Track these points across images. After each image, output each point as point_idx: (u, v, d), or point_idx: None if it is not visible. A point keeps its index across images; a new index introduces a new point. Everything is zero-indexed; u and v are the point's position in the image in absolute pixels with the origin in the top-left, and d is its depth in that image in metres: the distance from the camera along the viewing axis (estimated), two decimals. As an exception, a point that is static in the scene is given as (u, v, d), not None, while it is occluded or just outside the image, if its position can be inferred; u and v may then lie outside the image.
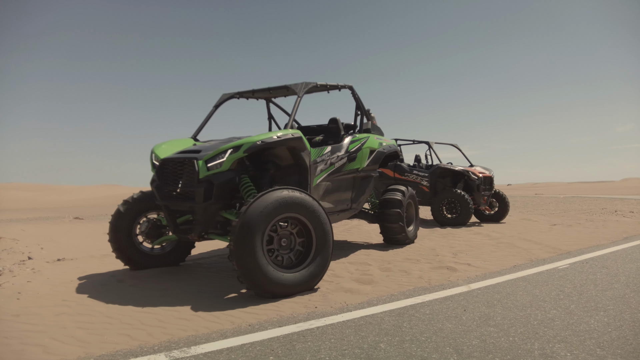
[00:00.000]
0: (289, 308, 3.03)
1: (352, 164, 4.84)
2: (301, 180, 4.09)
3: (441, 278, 3.91)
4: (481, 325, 2.57)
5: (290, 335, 2.46)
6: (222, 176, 3.53)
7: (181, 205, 3.68)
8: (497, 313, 2.80)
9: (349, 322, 2.67)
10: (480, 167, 9.40)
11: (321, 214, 3.51)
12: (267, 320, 2.77)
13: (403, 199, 5.68)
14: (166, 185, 3.78)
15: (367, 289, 3.54)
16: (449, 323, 2.62)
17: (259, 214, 3.18)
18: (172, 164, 3.74)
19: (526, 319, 2.68)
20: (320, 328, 2.58)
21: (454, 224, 8.43)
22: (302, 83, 4.44)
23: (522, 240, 6.25)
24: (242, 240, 3.11)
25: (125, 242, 4.28)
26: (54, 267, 4.78)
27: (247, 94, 4.91)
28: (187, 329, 2.66)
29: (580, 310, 2.84)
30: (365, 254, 5.19)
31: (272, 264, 3.25)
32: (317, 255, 3.47)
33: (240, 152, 3.54)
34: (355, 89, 5.24)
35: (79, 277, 4.18)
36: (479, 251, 5.40)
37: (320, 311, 2.94)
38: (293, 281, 3.30)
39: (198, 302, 3.25)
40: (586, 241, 6.08)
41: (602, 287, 3.42)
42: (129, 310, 3.06)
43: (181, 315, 2.94)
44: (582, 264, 4.42)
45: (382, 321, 2.69)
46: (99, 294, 3.50)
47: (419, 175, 9.41)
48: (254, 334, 2.50)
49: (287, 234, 3.46)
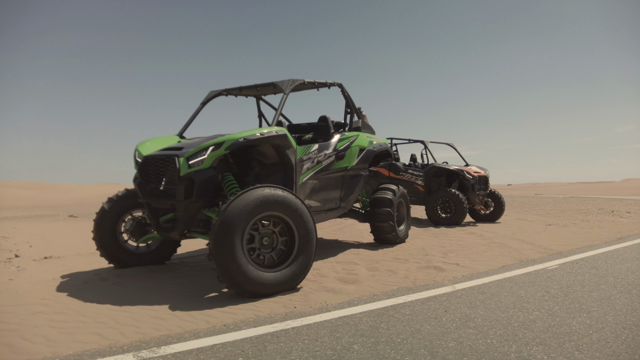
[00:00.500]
0: (267, 308, 2.98)
1: (340, 162, 4.78)
2: (287, 178, 4.04)
3: (427, 278, 3.85)
4: (460, 326, 2.52)
5: (264, 336, 2.41)
6: (204, 174, 3.48)
7: (163, 203, 3.63)
8: (478, 314, 2.75)
9: (326, 323, 2.62)
10: (475, 167, 9.34)
11: (304, 212, 3.45)
12: (243, 320, 2.72)
13: (394, 198, 5.62)
14: (148, 182, 3.73)
15: (351, 289, 3.49)
16: (427, 324, 2.57)
17: (239, 212, 3.13)
18: (154, 162, 3.69)
19: (507, 320, 2.62)
20: (295, 329, 2.53)
21: (448, 223, 8.38)
22: (288, 80, 4.38)
23: (515, 240, 6.20)
24: (221, 239, 3.06)
25: (110, 240, 4.24)
26: (39, 265, 4.74)
27: (234, 91, 4.86)
28: (161, 328, 2.61)
29: (564, 311, 2.79)
30: (354, 253, 5.14)
31: (252, 263, 3.20)
32: (300, 254, 3.41)
33: (222, 149, 3.49)
34: (345, 86, 5.19)
35: (63, 275, 4.14)
36: (469, 251, 5.35)
37: (298, 311, 2.89)
38: (274, 281, 3.25)
39: (177, 301, 3.21)
40: (579, 241, 6.03)
41: (588, 288, 3.37)
42: (106, 309, 3.02)
43: (157, 314, 2.89)
44: (571, 264, 4.36)
45: (360, 322, 2.64)
46: (78, 293, 3.45)
47: (413, 174, 9.35)
48: (227, 334, 2.45)
49: (269, 233, 3.41)
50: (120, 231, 4.35)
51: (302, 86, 4.80)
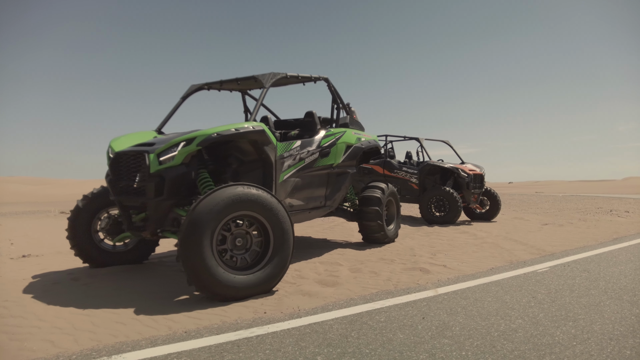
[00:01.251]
0: (236, 313, 2.82)
1: (325, 159, 4.62)
2: (266, 176, 3.88)
3: (410, 281, 3.70)
4: (436, 336, 2.36)
5: (224, 345, 2.26)
6: (175, 170, 3.33)
7: (133, 200, 3.48)
8: (457, 322, 2.59)
9: (293, 331, 2.47)
10: (471, 165, 9.16)
11: (280, 212, 3.29)
12: (207, 327, 2.57)
13: (382, 196, 5.46)
14: (119, 179, 3.58)
15: (328, 292, 3.33)
16: (401, 333, 2.41)
17: (209, 211, 2.97)
18: (126, 158, 3.54)
19: (487, 329, 2.46)
20: (260, 337, 2.37)
21: (442, 222, 8.21)
22: (269, 73, 4.21)
23: (508, 241, 6.03)
24: (189, 239, 2.91)
25: (84, 239, 4.09)
26: (14, 264, 4.59)
27: (215, 85, 4.69)
28: (119, 334, 2.46)
29: (548, 319, 2.62)
30: (340, 253, 4.99)
31: (223, 265, 3.05)
32: (275, 256, 3.26)
33: (193, 145, 3.33)
34: (331, 81, 5.02)
35: (35, 275, 3.99)
36: (459, 251, 5.19)
37: (267, 317, 2.74)
38: (246, 284, 3.09)
39: (144, 303, 3.06)
40: (574, 242, 5.86)
41: (578, 294, 3.20)
42: (67, 312, 2.87)
43: (120, 318, 2.74)
44: (563, 267, 4.20)
45: (330, 329, 2.48)
46: (44, 294, 3.31)
47: (408, 172, 9.19)
48: (186, 342, 2.30)
49: (243, 234, 3.25)
50: (95, 229, 4.21)
51: (286, 80, 4.62)
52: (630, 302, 2.97)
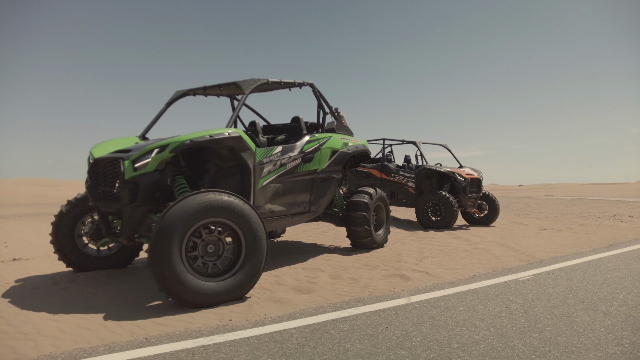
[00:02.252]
0: (202, 320, 2.82)
1: (308, 165, 4.61)
2: (244, 181, 3.89)
3: (387, 288, 3.66)
4: (393, 347, 2.34)
5: (180, 352, 2.26)
6: (148, 177, 3.35)
7: (110, 206, 3.51)
8: (419, 332, 2.55)
9: (252, 339, 2.46)
10: (469, 169, 9.09)
11: (252, 218, 3.29)
12: (170, 333, 2.57)
13: (370, 201, 5.43)
14: (97, 185, 3.62)
15: (301, 299, 3.32)
16: (359, 343, 2.39)
17: (177, 218, 2.99)
18: (103, 164, 3.58)
19: (448, 341, 2.43)
20: (217, 345, 2.37)
21: (438, 227, 8.14)
22: (250, 79, 4.22)
23: (500, 246, 5.95)
24: (158, 246, 2.92)
25: (66, 243, 4.15)
26: (2, 267, 4.67)
27: (199, 91, 4.72)
28: (81, 341, 2.48)
29: (515, 331, 2.58)
30: (325, 258, 4.97)
31: (192, 272, 3.05)
32: (247, 263, 3.26)
33: (166, 152, 3.35)
34: (316, 86, 5.01)
35: (17, 279, 4.05)
36: (447, 257, 5.13)
37: (231, 325, 2.73)
38: (216, 291, 3.10)
39: (117, 309, 3.08)
40: (567, 248, 5.76)
41: (553, 303, 3.14)
42: (38, 317, 2.90)
43: (87, 324, 2.76)
44: (546, 275, 4.13)
45: (290, 338, 2.47)
46: (21, 299, 3.36)
47: (405, 176, 9.14)
48: (143, 349, 2.31)
49: (215, 240, 3.26)
50: (79, 234, 4.26)
51: (269, 86, 4.64)
52: (604, 312, 2.91)
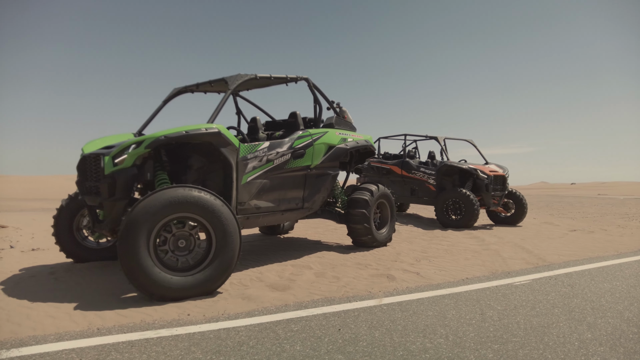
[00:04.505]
0: (162, 313, 2.85)
1: (299, 160, 4.54)
2: (226, 176, 3.89)
3: (365, 288, 3.53)
4: (333, 350, 2.23)
5: (121, 344, 2.29)
6: (126, 172, 3.43)
7: (94, 200, 3.64)
8: (370, 337, 2.42)
9: (196, 335, 2.44)
10: (494, 165, 8.62)
11: (223, 214, 3.29)
12: (124, 325, 2.61)
13: (370, 199, 5.28)
14: (85, 180, 3.76)
15: (270, 297, 3.27)
16: (300, 345, 2.30)
17: (145, 213, 3.04)
18: (89, 160, 3.71)
19: (395, 347, 2.28)
20: (160, 338, 2.38)
21: (457, 226, 7.78)
22: (236, 75, 4.22)
23: (514, 248, 5.59)
24: (126, 239, 2.99)
25: (65, 235, 4.36)
26: (20, 256, 4.99)
27: (192, 87, 4.78)
28: (38, 328, 2.57)
29: (475, 340, 2.38)
30: (320, 256, 4.88)
31: (160, 266, 3.10)
32: (216, 258, 3.25)
33: (142, 147, 3.41)
34: (311, 80, 4.92)
35: (23, 268, 4.31)
36: (449, 258, 4.88)
37: (188, 319, 2.73)
38: (183, 285, 3.12)
39: (93, 298, 3.18)
40: (589, 251, 5.30)
41: (536, 312, 2.88)
42: (16, 304, 3.05)
43: (55, 312, 2.86)
44: (547, 280, 3.80)
45: (234, 336, 2.43)
46: (14, 286, 3.55)
47: (425, 173, 8.83)
48: (88, 339, 2.35)
49: (186, 235, 3.29)
50: (79, 227, 4.47)
51: (258, 82, 4.62)
52: (590, 324, 2.62)
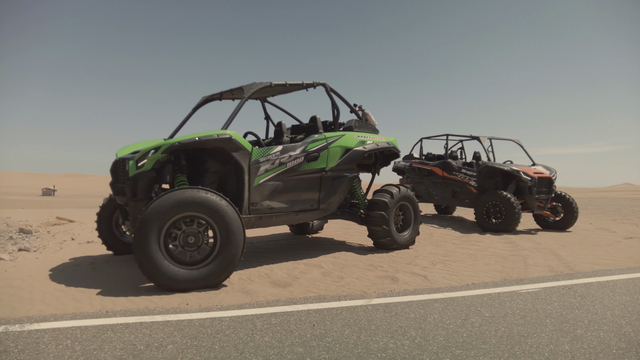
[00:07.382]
0: (166, 302, 3.16)
1: (313, 163, 4.69)
2: (239, 179, 4.16)
3: (361, 289, 3.59)
4: (296, 344, 2.35)
5: (114, 326, 2.59)
6: (145, 175, 3.81)
7: (122, 200, 4.09)
8: (338, 334, 2.51)
9: (184, 322, 2.69)
10: (541, 167, 8.12)
11: (227, 214, 3.54)
12: (129, 310, 2.94)
13: (390, 201, 5.29)
14: (116, 182, 4.23)
15: (268, 292, 3.46)
16: (269, 337, 2.45)
17: (155, 212, 3.38)
18: (119, 164, 4.17)
19: (355, 344, 2.35)
20: (152, 323, 2.65)
21: (497, 230, 7.45)
22: (251, 84, 4.47)
23: (546, 254, 5.28)
24: (139, 235, 3.36)
25: (106, 231, 4.92)
26: (75, 248, 5.67)
27: (216, 96, 5.12)
28: (61, 308, 2.98)
29: (440, 345, 2.37)
30: (335, 256, 4.99)
31: (169, 259, 3.42)
32: (220, 255, 3.52)
33: (159, 152, 3.76)
34: (329, 85, 5.05)
35: (72, 257, 4.92)
36: (468, 263, 4.75)
37: (185, 308, 3.00)
38: (188, 277, 3.42)
39: (114, 287, 3.58)
40: (633, 261, 4.86)
41: (523, 321, 2.76)
42: (52, 288, 3.51)
43: (80, 296, 3.27)
44: (558, 289, 3.59)
45: (216, 325, 2.64)
46: (59, 273, 4.08)
47: (467, 174, 8.54)
48: (95, 319, 2.70)
49: (195, 232, 3.60)
50: (117, 223, 5.02)
51: (275, 89, 4.85)
52: (576, 337, 2.49)
